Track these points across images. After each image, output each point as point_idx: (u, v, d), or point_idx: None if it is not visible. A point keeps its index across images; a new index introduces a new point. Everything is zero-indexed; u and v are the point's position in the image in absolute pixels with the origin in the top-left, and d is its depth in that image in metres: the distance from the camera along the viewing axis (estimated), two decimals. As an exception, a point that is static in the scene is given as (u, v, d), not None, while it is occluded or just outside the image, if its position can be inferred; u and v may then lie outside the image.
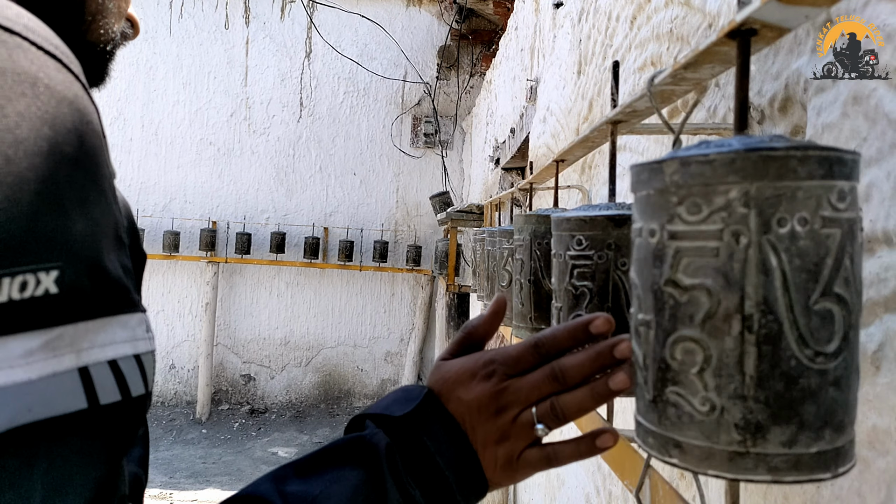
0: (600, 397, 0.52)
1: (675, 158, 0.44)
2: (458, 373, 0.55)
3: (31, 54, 0.34)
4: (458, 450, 0.52)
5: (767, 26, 0.48)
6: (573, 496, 1.88)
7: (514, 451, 0.53)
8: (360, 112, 6.76)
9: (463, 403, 0.54)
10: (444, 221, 4.23)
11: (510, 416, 0.53)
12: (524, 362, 0.54)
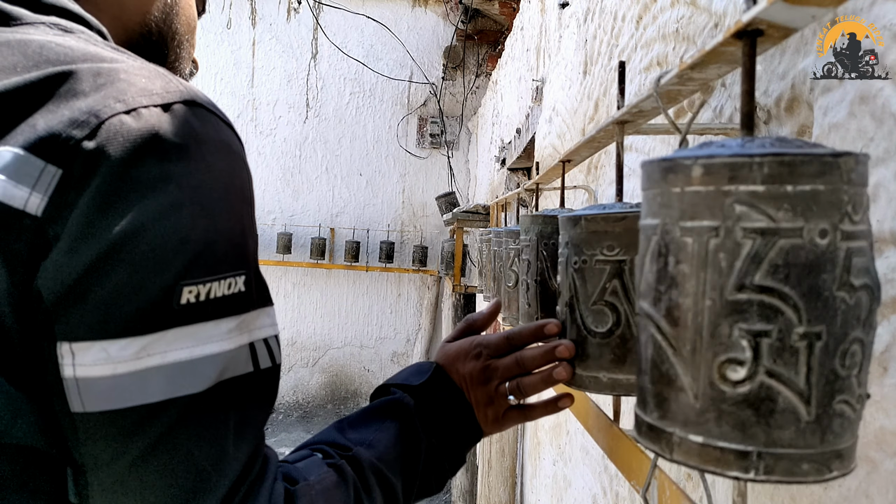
0: (548, 382, 0.74)
1: (851, 155, 0.42)
2: (456, 352, 0.75)
3: (218, 124, 0.49)
4: (460, 408, 0.72)
5: (774, 26, 0.48)
6: (580, 497, 1.88)
7: (499, 412, 0.74)
8: (366, 113, 6.77)
9: (460, 374, 0.73)
10: (450, 222, 4.23)
11: (493, 386, 0.73)
12: (501, 349, 0.75)
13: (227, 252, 0.47)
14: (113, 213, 0.42)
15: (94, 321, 0.42)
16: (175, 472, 0.44)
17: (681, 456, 0.45)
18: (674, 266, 0.45)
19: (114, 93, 0.44)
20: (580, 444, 1.88)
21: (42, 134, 0.42)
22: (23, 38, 0.48)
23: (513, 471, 3.27)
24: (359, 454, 0.61)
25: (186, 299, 0.44)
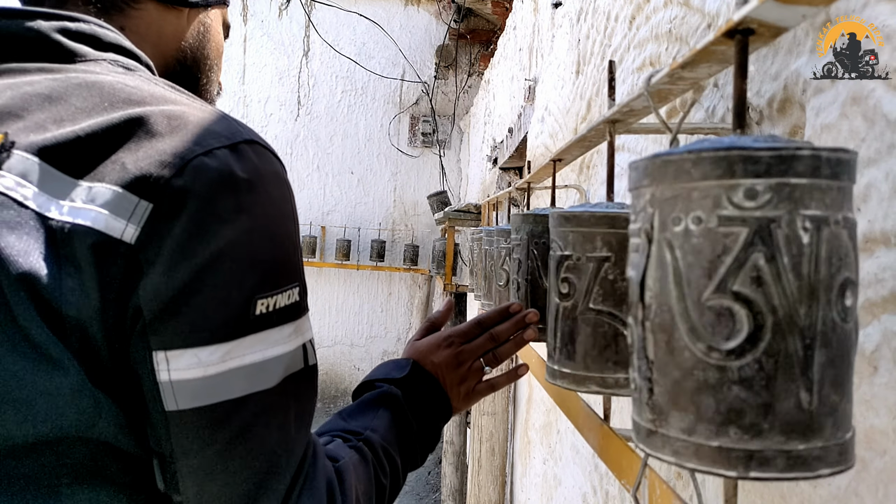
0: (519, 344, 0.89)
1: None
2: (428, 346, 0.88)
3: (271, 158, 0.56)
4: (436, 394, 0.83)
5: (765, 25, 0.48)
6: (570, 496, 1.88)
7: (469, 387, 0.87)
8: (358, 111, 6.75)
9: (435, 364, 0.85)
10: (441, 221, 4.23)
11: (465, 367, 0.86)
12: (471, 334, 0.89)
13: (286, 268, 0.55)
14: (200, 241, 0.49)
15: (187, 332, 0.49)
16: (254, 457, 0.52)
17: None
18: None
19: (190, 136, 0.51)
20: (570, 442, 1.89)
21: (135, 173, 0.49)
22: (97, 79, 0.54)
23: (503, 470, 3.27)
24: (369, 437, 0.72)
25: (259, 310, 0.52)
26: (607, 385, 0.72)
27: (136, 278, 0.48)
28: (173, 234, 0.48)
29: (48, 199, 0.48)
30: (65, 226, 0.47)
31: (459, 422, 4.11)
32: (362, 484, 0.65)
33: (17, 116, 0.51)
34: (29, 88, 0.53)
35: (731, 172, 0.42)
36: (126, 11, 0.66)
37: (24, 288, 0.46)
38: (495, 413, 3.27)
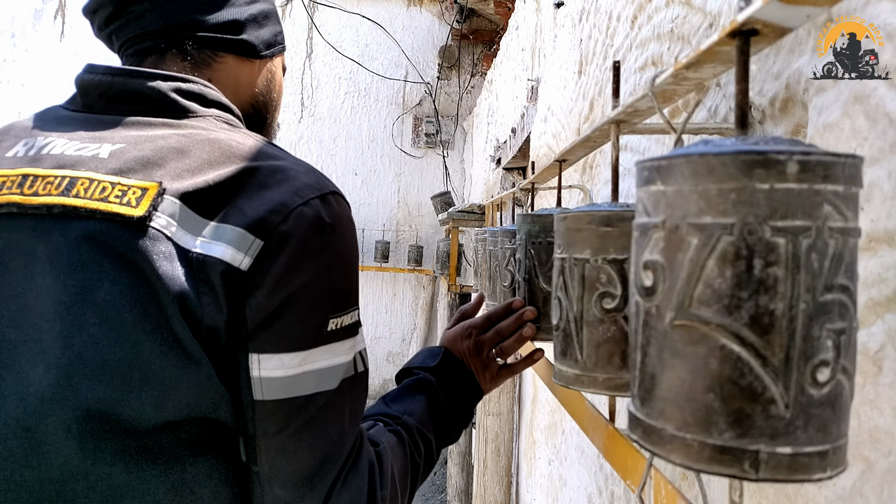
0: (520, 341, 1.00)
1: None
2: (453, 335, 1.01)
3: (345, 204, 0.69)
4: (466, 377, 0.96)
5: (769, 26, 0.48)
6: (575, 496, 1.88)
7: (493, 372, 1.00)
8: (361, 112, 6.76)
9: (460, 351, 0.99)
10: (445, 221, 4.23)
11: (485, 355, 0.99)
12: (485, 327, 1.00)
13: (351, 295, 0.69)
14: (294, 273, 0.63)
15: (276, 341, 0.63)
16: (316, 443, 0.66)
17: (769, 473, 0.42)
18: (762, 269, 0.42)
19: (292, 189, 0.65)
20: (576, 443, 1.89)
21: (253, 217, 0.62)
22: (214, 136, 0.68)
23: (508, 470, 3.27)
24: (406, 421, 0.84)
25: (330, 327, 0.66)
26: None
27: (246, 297, 0.62)
28: (276, 266, 0.62)
29: (185, 234, 0.61)
30: (200, 257, 0.60)
31: (464, 422, 4.11)
32: (399, 463, 0.77)
33: (159, 166, 0.64)
34: (163, 143, 0.66)
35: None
36: (212, 65, 0.78)
37: (177, 304, 0.59)
38: (500, 413, 3.27)
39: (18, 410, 0.59)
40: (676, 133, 0.59)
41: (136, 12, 0.74)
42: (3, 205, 0.62)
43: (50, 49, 6.49)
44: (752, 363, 0.42)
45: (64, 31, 6.48)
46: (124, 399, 0.59)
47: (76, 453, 0.59)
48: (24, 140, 0.68)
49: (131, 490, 0.60)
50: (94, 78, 0.72)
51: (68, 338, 0.59)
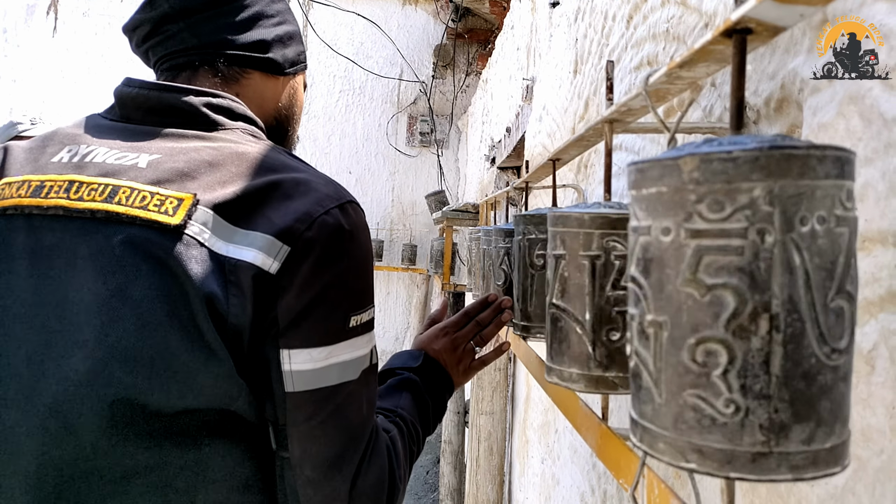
0: (499, 326, 1.12)
1: (693, 155, 0.43)
2: (429, 337, 1.10)
3: (361, 212, 0.76)
4: (442, 376, 1.04)
5: (763, 25, 0.48)
6: (568, 495, 1.88)
7: (466, 365, 1.09)
8: (356, 111, 6.75)
9: (436, 351, 1.07)
10: (439, 220, 4.23)
11: (460, 350, 1.08)
12: (461, 323, 1.12)
13: (368, 294, 0.76)
14: (319, 276, 0.69)
15: (305, 337, 0.70)
16: (342, 428, 0.73)
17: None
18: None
19: (314, 199, 0.71)
20: (568, 442, 1.89)
21: (280, 226, 0.68)
22: (243, 150, 0.74)
23: (501, 469, 3.27)
24: (401, 413, 0.91)
25: (352, 324, 0.73)
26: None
27: (275, 298, 0.68)
28: (302, 270, 0.68)
29: (217, 241, 0.67)
30: (232, 261, 0.67)
31: (458, 422, 4.10)
32: (403, 449, 0.86)
33: (193, 178, 0.70)
34: (195, 155, 0.72)
35: (843, 174, 0.43)
36: (240, 81, 0.85)
37: (205, 304, 0.65)
38: (493, 412, 3.27)
39: (56, 393, 0.65)
40: (670, 132, 0.59)
41: (172, 31, 0.81)
42: (50, 207, 0.69)
43: (42, 45, 6.46)
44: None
45: (56, 26, 6.44)
46: (151, 387, 0.65)
47: (104, 434, 0.65)
48: (67, 147, 0.75)
49: (151, 467, 0.67)
50: (131, 91, 0.79)
51: (105, 330, 0.65)
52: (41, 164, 0.73)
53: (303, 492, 0.72)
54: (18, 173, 0.73)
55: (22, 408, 0.66)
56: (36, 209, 0.69)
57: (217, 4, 0.83)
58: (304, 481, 0.72)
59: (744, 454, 0.42)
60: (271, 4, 0.89)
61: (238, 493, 0.71)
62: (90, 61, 6.49)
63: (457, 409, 4.04)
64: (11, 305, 0.68)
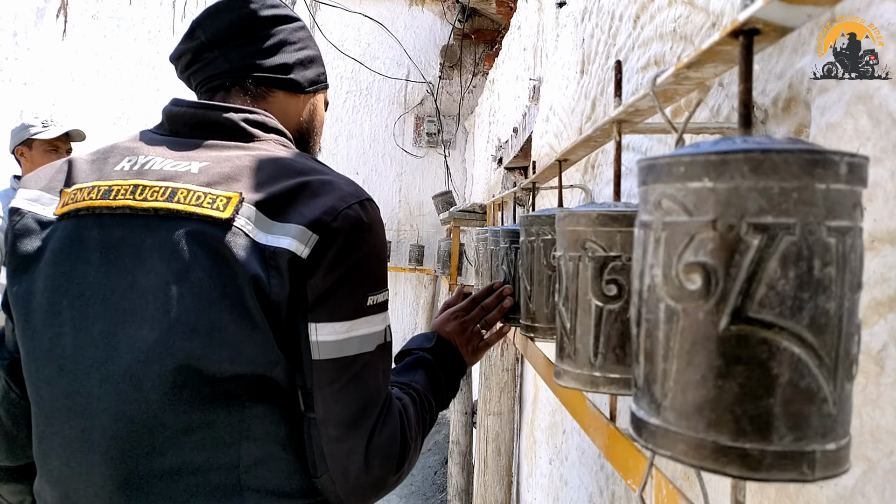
0: (501, 311, 1.23)
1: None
2: (442, 321, 1.23)
3: (376, 207, 0.88)
4: (453, 354, 1.16)
5: (770, 25, 0.48)
6: (576, 496, 1.88)
7: (474, 346, 1.21)
8: (363, 111, 6.76)
9: (447, 333, 1.19)
10: (446, 221, 4.23)
11: (469, 332, 1.20)
12: (469, 308, 1.24)
13: (383, 278, 0.88)
14: (342, 260, 0.81)
15: (330, 312, 0.81)
16: (361, 392, 0.84)
17: (822, 472, 0.42)
18: (820, 270, 0.42)
19: (338, 196, 0.83)
20: (576, 443, 1.89)
21: (310, 218, 0.80)
22: (276, 156, 0.88)
23: (509, 470, 3.27)
24: (415, 387, 1.03)
25: (369, 302, 0.85)
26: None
27: (306, 278, 0.80)
28: (328, 255, 0.80)
29: (259, 232, 0.80)
30: (271, 248, 0.79)
31: (466, 422, 4.10)
32: (415, 417, 0.96)
33: (237, 180, 0.83)
34: (238, 162, 0.85)
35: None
36: (267, 99, 0.99)
37: (250, 283, 0.77)
38: (501, 413, 3.27)
39: (128, 361, 0.78)
40: (678, 133, 0.59)
41: (209, 58, 0.96)
42: (119, 207, 0.82)
43: (52, 47, 6.50)
44: (809, 364, 0.42)
45: (66, 29, 6.49)
46: (207, 355, 0.78)
47: (167, 395, 0.78)
48: (127, 157, 0.88)
49: (204, 424, 0.79)
50: (179, 110, 0.93)
51: (168, 307, 0.78)
52: (106, 172, 0.87)
53: (327, 448, 0.83)
54: (86, 180, 0.87)
55: (100, 374, 0.79)
56: (105, 209, 0.83)
57: (246, 34, 0.97)
58: (327, 438, 0.83)
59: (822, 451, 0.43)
60: (294, 33, 1.02)
61: (275, 450, 0.83)
62: (99, 63, 6.53)
63: (465, 410, 4.04)
64: (88, 290, 0.81)
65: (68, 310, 0.81)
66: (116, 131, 6.48)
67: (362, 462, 0.84)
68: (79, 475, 0.80)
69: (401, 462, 0.89)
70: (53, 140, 2.74)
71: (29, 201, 0.89)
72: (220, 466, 0.80)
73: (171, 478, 0.79)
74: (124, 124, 6.51)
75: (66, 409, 0.81)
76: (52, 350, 0.82)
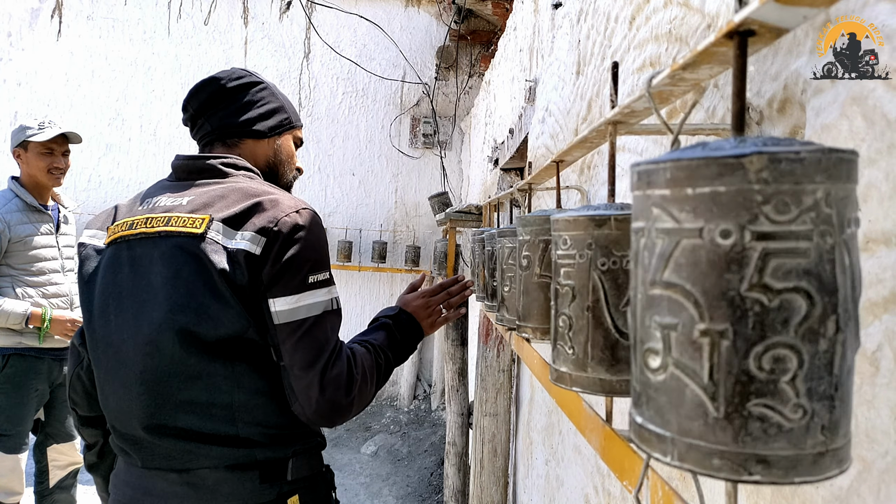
0: (463, 297, 1.56)
1: (761, 154, 0.42)
2: (408, 297, 1.51)
3: (313, 213, 1.20)
4: (412, 323, 1.44)
5: (765, 27, 0.48)
6: (572, 497, 1.88)
7: (434, 320, 1.49)
8: (359, 112, 6.75)
9: (412, 307, 1.47)
10: (442, 222, 4.23)
11: (430, 309, 1.49)
12: (435, 291, 1.52)
13: (322, 263, 1.19)
14: (283, 252, 1.13)
15: (281, 290, 1.13)
16: (313, 343, 1.15)
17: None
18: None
19: (280, 209, 1.16)
20: (573, 443, 1.89)
21: (260, 226, 1.13)
22: (240, 185, 1.23)
23: (505, 471, 3.27)
24: (371, 341, 1.32)
25: (311, 280, 1.16)
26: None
27: (260, 268, 1.13)
28: (273, 250, 1.13)
29: (225, 239, 1.14)
30: (233, 250, 1.13)
31: (462, 423, 4.10)
32: (367, 361, 1.25)
33: (210, 206, 1.19)
34: (213, 193, 1.21)
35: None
36: (239, 146, 1.36)
37: (221, 274, 1.12)
38: (497, 414, 3.27)
39: (148, 333, 1.16)
40: (673, 134, 0.59)
41: (199, 124, 1.37)
42: (137, 233, 1.21)
43: (47, 48, 6.48)
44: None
45: (61, 30, 6.46)
46: (198, 324, 1.13)
47: (177, 351, 1.14)
48: (147, 200, 1.28)
49: (207, 374, 1.15)
50: (179, 163, 1.32)
51: (170, 295, 1.14)
52: (134, 211, 1.27)
53: (294, 384, 1.15)
54: (121, 218, 1.28)
55: (133, 342, 1.18)
56: (130, 236, 1.22)
57: (218, 104, 1.35)
58: (293, 377, 1.15)
59: (806, 457, 0.42)
60: (256, 94, 1.38)
61: (256, 396, 1.17)
62: (94, 64, 6.51)
63: (461, 411, 4.03)
64: (123, 290, 1.20)
65: (113, 305, 1.21)
66: (112, 132, 6.46)
67: (318, 391, 1.14)
68: (126, 409, 1.19)
69: (349, 390, 1.17)
70: (48, 142, 2.73)
71: (89, 237, 1.31)
72: (220, 405, 1.15)
73: (185, 409, 1.15)
74: (119, 125, 6.49)
75: (114, 370, 1.21)
76: (105, 333, 1.22)
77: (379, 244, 6.26)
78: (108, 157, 6.49)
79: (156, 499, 1.18)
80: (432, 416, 6.27)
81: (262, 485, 1.18)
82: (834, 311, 0.42)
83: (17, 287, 2.68)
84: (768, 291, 0.42)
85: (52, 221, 2.82)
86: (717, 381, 0.43)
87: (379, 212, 6.69)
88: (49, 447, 2.91)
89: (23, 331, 2.69)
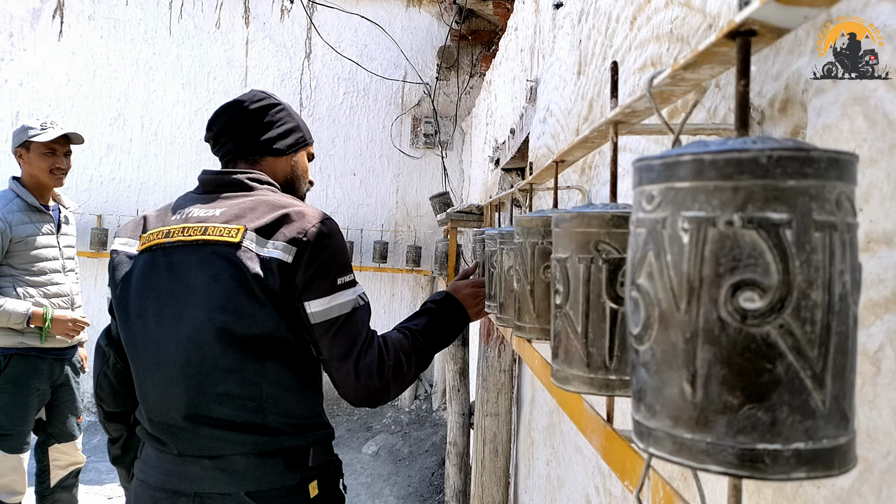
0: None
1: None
2: (461, 284, 1.65)
3: (335, 222, 1.36)
4: (459, 310, 1.58)
5: (767, 27, 0.48)
6: (573, 497, 1.88)
7: (480, 309, 1.62)
8: (360, 112, 6.75)
9: (462, 294, 1.61)
10: (443, 222, 4.23)
11: (479, 298, 1.63)
12: (481, 284, 1.65)
13: (347, 266, 1.34)
14: (314, 260, 1.29)
15: (314, 293, 1.28)
16: (346, 338, 1.30)
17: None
18: None
19: (307, 220, 1.31)
20: (574, 443, 1.89)
21: (290, 236, 1.29)
22: (268, 198, 1.38)
23: (506, 471, 3.27)
24: (411, 327, 1.46)
25: (339, 282, 1.31)
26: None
27: (293, 275, 1.27)
28: (304, 259, 1.28)
29: (258, 247, 1.28)
30: (266, 257, 1.27)
31: (463, 423, 4.10)
32: (404, 346, 1.39)
33: (243, 217, 1.32)
34: (244, 205, 1.35)
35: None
36: (260, 163, 1.50)
37: (255, 278, 1.25)
38: (498, 414, 3.27)
39: (188, 331, 1.28)
40: (674, 134, 0.59)
41: (223, 142, 1.50)
42: (175, 241, 1.33)
43: (48, 48, 6.48)
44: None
45: (62, 30, 6.47)
46: (235, 323, 1.26)
47: (216, 347, 1.27)
48: (178, 211, 1.40)
49: (240, 369, 1.27)
50: (207, 177, 1.45)
51: (211, 296, 1.27)
52: (167, 221, 1.39)
53: (335, 374, 1.31)
54: (155, 227, 1.39)
55: (174, 340, 1.30)
56: (168, 244, 1.34)
57: (241, 125, 1.48)
58: (333, 369, 1.31)
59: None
60: (275, 115, 1.51)
61: (283, 390, 1.30)
62: (96, 64, 6.51)
63: (462, 411, 4.03)
64: (162, 292, 1.32)
65: (151, 306, 1.33)
66: (113, 132, 6.46)
67: (354, 379, 1.29)
68: (167, 401, 1.31)
69: (381, 375, 1.31)
70: (50, 143, 2.73)
71: (121, 245, 1.43)
72: (250, 397, 1.28)
73: (220, 400, 1.28)
74: (121, 125, 6.49)
75: (154, 365, 1.32)
76: (144, 331, 1.34)
77: (380, 244, 6.26)
78: (109, 158, 6.49)
79: (190, 482, 1.29)
80: (433, 416, 6.27)
81: (287, 470, 1.30)
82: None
83: (19, 287, 2.69)
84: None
85: (53, 221, 2.83)
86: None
87: (380, 212, 6.69)
88: (50, 447, 2.92)
89: (24, 331, 2.69)
